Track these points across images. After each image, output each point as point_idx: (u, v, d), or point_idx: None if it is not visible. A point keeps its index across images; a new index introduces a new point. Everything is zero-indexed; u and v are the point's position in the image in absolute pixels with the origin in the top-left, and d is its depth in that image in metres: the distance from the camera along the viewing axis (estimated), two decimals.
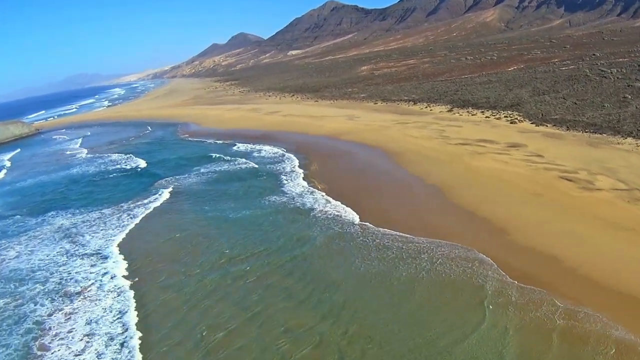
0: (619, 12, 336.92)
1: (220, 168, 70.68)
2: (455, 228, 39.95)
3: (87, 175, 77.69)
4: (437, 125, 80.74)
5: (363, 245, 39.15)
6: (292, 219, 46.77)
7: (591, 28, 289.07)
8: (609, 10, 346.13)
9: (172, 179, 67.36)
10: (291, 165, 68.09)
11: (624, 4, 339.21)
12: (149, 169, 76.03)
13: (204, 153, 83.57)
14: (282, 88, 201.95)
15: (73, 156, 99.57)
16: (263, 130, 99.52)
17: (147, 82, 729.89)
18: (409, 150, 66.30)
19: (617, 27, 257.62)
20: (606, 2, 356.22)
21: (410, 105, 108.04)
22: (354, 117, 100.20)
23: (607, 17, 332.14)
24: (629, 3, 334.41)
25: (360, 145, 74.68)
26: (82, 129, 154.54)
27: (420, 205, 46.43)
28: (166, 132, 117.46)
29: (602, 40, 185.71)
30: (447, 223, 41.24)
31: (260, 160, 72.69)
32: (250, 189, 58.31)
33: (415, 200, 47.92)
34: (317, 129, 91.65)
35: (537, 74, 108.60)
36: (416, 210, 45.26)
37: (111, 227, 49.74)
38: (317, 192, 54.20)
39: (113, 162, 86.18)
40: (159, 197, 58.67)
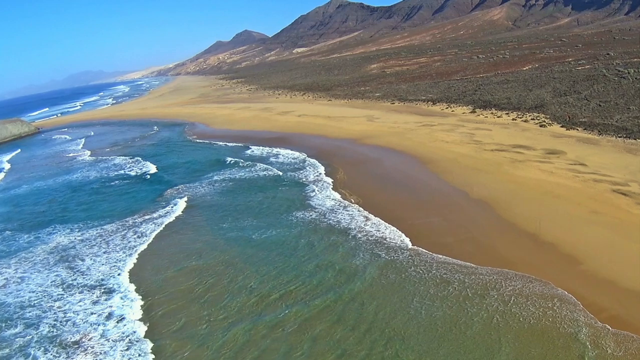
0: (626, 11, 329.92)
1: (236, 175, 63.26)
2: (519, 254, 33.85)
3: (89, 181, 70.31)
4: (464, 128, 74.32)
5: (419, 280, 32.13)
6: (328, 242, 39.34)
7: (600, 27, 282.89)
8: (617, 9, 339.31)
9: (183, 187, 59.94)
10: (315, 172, 60.78)
11: (632, 2, 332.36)
12: (157, 176, 68.65)
13: (215, 157, 76.24)
14: (292, 86, 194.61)
15: (74, 159, 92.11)
16: (278, 132, 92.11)
17: (151, 79, 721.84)
18: (443, 157, 59.67)
19: (626, 26, 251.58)
20: (614, 1, 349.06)
21: (430, 105, 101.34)
22: (374, 118, 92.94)
23: (615, 16, 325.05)
24: (636, 2, 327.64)
25: (387, 150, 67.60)
26: (85, 129, 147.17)
27: (472, 225, 39.60)
28: (173, 133, 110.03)
29: (612, 39, 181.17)
30: (508, 247, 35.02)
31: (280, 167, 65.28)
32: (273, 202, 50.92)
33: (466, 219, 41.01)
34: (336, 132, 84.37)
35: (554, 74, 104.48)
36: (469, 231, 38.53)
37: (115, 249, 42.23)
38: (351, 207, 46.99)
39: (117, 166, 78.73)
40: (170, 211, 51.16)
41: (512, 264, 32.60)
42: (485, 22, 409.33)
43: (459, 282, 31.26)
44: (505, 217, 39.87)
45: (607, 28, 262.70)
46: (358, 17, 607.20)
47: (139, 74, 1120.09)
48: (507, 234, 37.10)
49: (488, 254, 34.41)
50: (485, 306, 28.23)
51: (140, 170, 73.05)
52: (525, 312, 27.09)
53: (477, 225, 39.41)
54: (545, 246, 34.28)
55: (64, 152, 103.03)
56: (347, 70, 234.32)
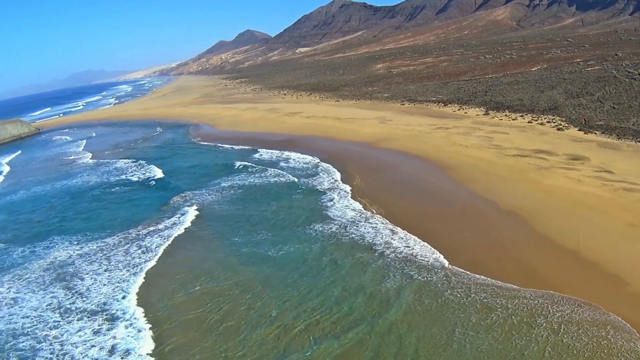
0: (631, 11, 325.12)
1: (246, 181, 59.28)
2: (560, 273, 30.72)
3: (90, 187, 66.32)
4: (481, 131, 70.67)
5: (459, 306, 28.39)
6: (354, 261, 35.40)
7: (605, 27, 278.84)
8: (622, 9, 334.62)
9: (189, 194, 55.95)
10: (330, 179, 56.89)
11: (636, 3, 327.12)
12: (161, 181, 64.67)
13: (222, 161, 72.39)
14: (297, 86, 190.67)
15: (74, 162, 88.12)
16: (286, 134, 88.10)
17: (153, 79, 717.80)
18: (464, 163, 55.93)
19: (631, 27, 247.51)
20: (618, 1, 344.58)
21: (441, 107, 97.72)
22: (386, 120, 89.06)
23: (620, 16, 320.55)
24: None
25: (403, 154, 63.77)
26: (86, 129, 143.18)
27: (507, 240, 36.00)
28: (177, 135, 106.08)
29: (619, 40, 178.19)
30: (548, 266, 31.72)
31: (292, 172, 61.35)
32: (288, 212, 46.96)
33: (499, 233, 37.40)
34: (348, 134, 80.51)
35: (563, 75, 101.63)
36: (505, 247, 34.96)
37: (118, 267, 38.23)
38: (374, 218, 43.12)
39: (119, 170, 74.77)
40: (177, 222, 47.10)
41: (555, 284, 29.37)
42: (490, 22, 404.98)
43: (502, 307, 27.69)
44: (540, 231, 36.49)
45: (612, 28, 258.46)
46: (361, 17, 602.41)
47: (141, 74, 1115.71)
48: (544, 250, 33.76)
49: (528, 273, 31.04)
50: (534, 337, 24.84)
51: (143, 175, 69.07)
52: (579, 344, 23.91)
53: (512, 240, 35.93)
54: (586, 264, 31.18)
55: (64, 155, 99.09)
56: (353, 70, 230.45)
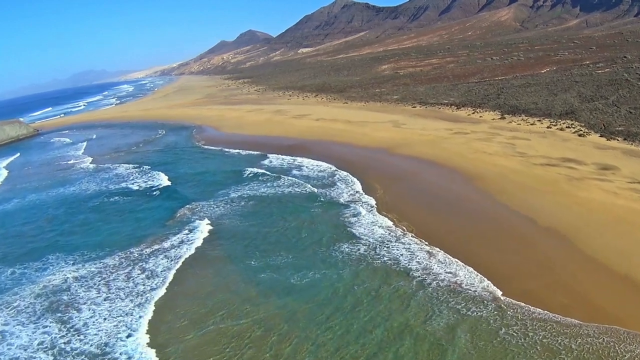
0: (636, 12, 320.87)
1: (258, 191, 54.42)
2: (619, 303, 27.04)
3: (89, 196, 61.32)
4: (501, 137, 66.66)
5: (519, 349, 24.19)
6: (392, 291, 30.68)
7: (610, 29, 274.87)
8: (626, 11, 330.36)
9: (197, 206, 51.05)
10: (350, 189, 52.20)
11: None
12: (165, 190, 59.69)
13: (230, 167, 67.58)
14: (302, 87, 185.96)
15: (73, 167, 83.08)
16: (296, 138, 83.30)
17: (155, 79, 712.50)
18: (490, 172, 51.77)
19: (636, 28, 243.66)
20: (623, 3, 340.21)
21: (454, 110, 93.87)
22: (400, 124, 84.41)
23: (625, 18, 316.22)
24: None
25: (424, 162, 59.17)
26: (87, 131, 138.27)
27: (554, 264, 31.88)
28: (180, 138, 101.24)
29: (626, 42, 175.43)
30: (604, 294, 28.02)
31: (307, 181, 56.57)
32: (308, 229, 42.14)
33: (544, 255, 33.18)
34: (362, 139, 75.86)
35: (574, 77, 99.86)
36: (554, 272, 30.93)
37: (119, 295, 33.36)
38: (406, 237, 38.55)
39: (120, 177, 69.82)
40: (184, 239, 42.16)
41: (617, 317, 25.76)
42: (493, 23, 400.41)
43: (566, 350, 23.72)
44: (586, 252, 32.68)
45: (617, 30, 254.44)
46: (364, 18, 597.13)
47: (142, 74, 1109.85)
48: (596, 274, 30.06)
49: (585, 303, 27.34)
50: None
51: (146, 183, 64.08)
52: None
53: (559, 263, 31.83)
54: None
55: (62, 158, 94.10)
56: (357, 70, 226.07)
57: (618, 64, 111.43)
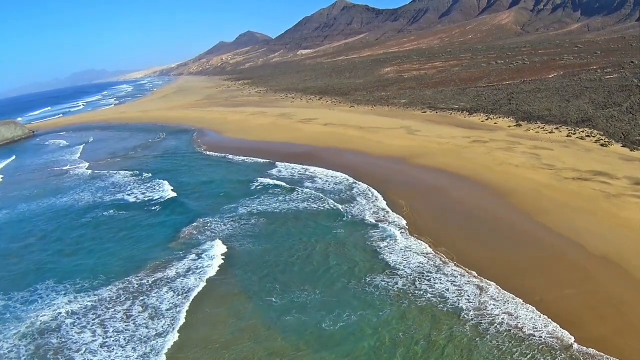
0: (637, 17, 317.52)
1: (270, 206, 48.86)
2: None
3: (83, 208, 55.54)
4: (522, 146, 61.65)
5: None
6: (444, 339, 25.49)
7: (612, 33, 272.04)
8: (628, 15, 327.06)
9: (203, 225, 45.38)
10: (373, 205, 46.79)
11: None
12: (166, 205, 53.83)
13: (236, 177, 62.04)
14: (304, 89, 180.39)
15: (69, 173, 77.29)
16: (305, 144, 77.78)
17: (154, 79, 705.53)
18: (522, 187, 46.87)
19: (639, 33, 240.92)
20: (624, 7, 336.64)
21: (466, 116, 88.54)
22: (414, 131, 79.03)
23: (627, 22, 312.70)
24: None
25: (448, 175, 53.80)
26: (84, 133, 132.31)
27: (619, 302, 27.28)
28: (181, 142, 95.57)
29: (630, 46, 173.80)
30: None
31: (323, 194, 51.05)
32: (333, 256, 36.58)
33: (604, 290, 28.53)
34: (377, 147, 70.48)
35: (584, 83, 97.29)
36: (622, 312, 26.41)
37: (118, 341, 27.64)
38: (448, 267, 33.25)
39: (118, 186, 64.07)
40: (192, 267, 36.40)
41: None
42: (494, 27, 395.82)
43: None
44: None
45: (619, 35, 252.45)
46: (363, 20, 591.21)
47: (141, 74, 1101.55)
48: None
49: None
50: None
51: (144, 195, 58.21)
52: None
53: (624, 302, 27.21)
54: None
55: (58, 163, 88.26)
56: (360, 73, 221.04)
57: (626, 69, 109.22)
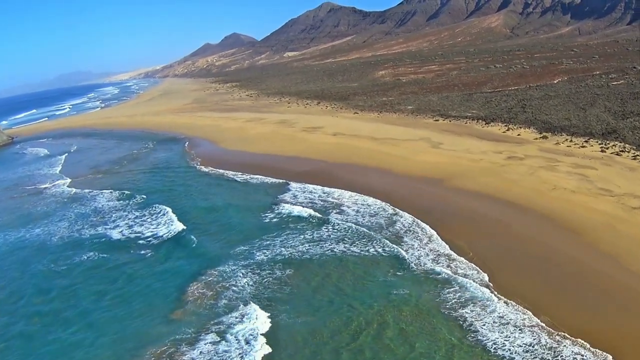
0: (629, 20, 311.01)
1: (296, 249, 38.07)
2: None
3: (57, 247, 43.91)
4: (563, 164, 53.33)
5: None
6: None
7: (604, 37, 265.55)
8: (618, 19, 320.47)
9: (214, 279, 34.31)
10: (428, 247, 36.97)
11: (633, 12, 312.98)
12: (161, 244, 42.47)
13: (244, 202, 51.16)
14: (298, 93, 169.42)
15: (44, 193, 65.54)
16: (317, 159, 67.22)
17: (139, 81, 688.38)
18: (591, 221, 38.63)
19: (631, 37, 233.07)
20: (615, 11, 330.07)
21: (483, 125, 79.27)
22: (437, 144, 69.16)
23: (618, 26, 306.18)
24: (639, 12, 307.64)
25: (498, 202, 44.48)
26: (67, 140, 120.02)
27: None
28: (171, 154, 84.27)
29: (626, 50, 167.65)
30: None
31: (360, 230, 40.30)
32: (412, 337, 25.93)
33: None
34: (403, 164, 60.24)
35: (592, 89, 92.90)
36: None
37: None
38: (566, 348, 23.49)
39: (102, 214, 52.54)
40: None
41: None
42: (483, 30, 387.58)
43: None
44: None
45: (612, 38, 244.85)
46: (350, 22, 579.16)
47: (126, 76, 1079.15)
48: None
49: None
50: None
51: (131, 228, 46.52)
52: None
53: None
54: None
55: (34, 179, 76.31)
56: (352, 76, 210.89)
57: (630, 75, 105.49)
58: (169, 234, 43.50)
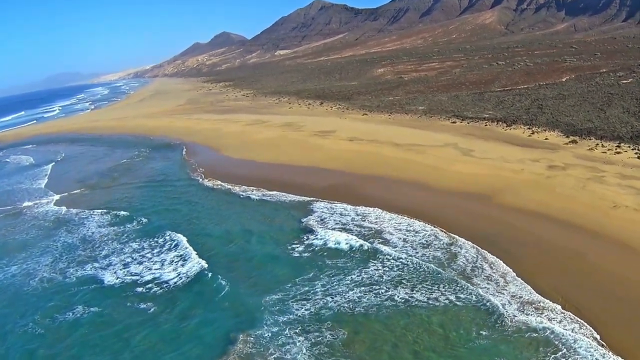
0: (624, 17, 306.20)
1: (344, 297, 29.86)
2: None
3: (39, 296, 34.81)
4: (607, 174, 46.89)
5: None
6: None
7: (601, 34, 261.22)
8: (614, 15, 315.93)
9: (249, 346, 25.65)
10: (506, 290, 29.31)
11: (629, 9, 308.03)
12: (165, 294, 33.55)
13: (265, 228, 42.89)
14: (298, 92, 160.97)
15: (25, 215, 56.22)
16: (337, 169, 58.99)
17: (129, 81, 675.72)
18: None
19: (628, 33, 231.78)
20: (610, 7, 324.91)
21: (505, 128, 72.59)
22: (467, 151, 61.44)
23: (613, 23, 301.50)
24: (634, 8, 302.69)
25: (561, 225, 37.16)
26: (54, 147, 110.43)
27: None
28: (169, 164, 75.54)
29: (626, 47, 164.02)
30: None
31: (413, 264, 32.01)
32: None
33: None
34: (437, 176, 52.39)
35: (603, 88, 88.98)
36: None
37: None
38: None
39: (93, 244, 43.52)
40: None
41: None
42: (477, 26, 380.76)
43: None
44: None
45: (609, 35, 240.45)
46: (342, 19, 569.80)
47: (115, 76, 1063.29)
48: None
49: None
50: None
51: (126, 270, 37.23)
52: None
53: None
54: None
55: (14, 196, 67.04)
56: (350, 74, 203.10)
57: (638, 73, 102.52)
58: (178, 277, 34.54)
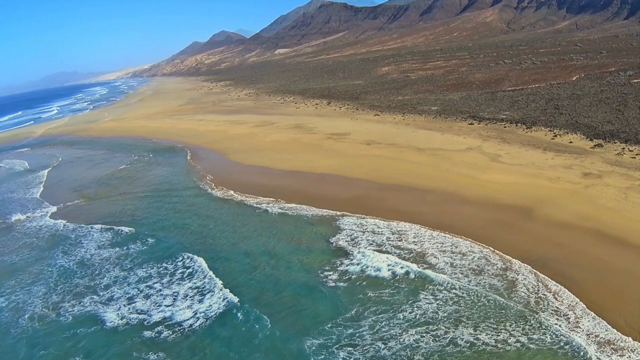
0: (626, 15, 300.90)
1: (399, 343, 24.91)
2: None
3: (29, 342, 29.35)
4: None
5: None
6: None
7: (603, 32, 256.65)
8: (615, 13, 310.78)
9: None
10: (580, 325, 24.67)
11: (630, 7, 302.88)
12: (181, 340, 28.17)
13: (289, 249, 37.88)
14: (302, 92, 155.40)
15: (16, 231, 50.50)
16: (359, 178, 53.68)
17: (127, 80, 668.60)
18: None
19: (631, 31, 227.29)
20: (611, 5, 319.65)
21: (525, 130, 68.15)
22: (495, 157, 56.72)
23: (615, 21, 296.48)
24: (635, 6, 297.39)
25: (614, 243, 33.13)
26: (49, 150, 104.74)
27: None
28: (174, 170, 69.99)
29: (630, 45, 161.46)
30: None
31: (470, 295, 26.69)
32: None
33: None
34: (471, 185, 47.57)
35: (616, 88, 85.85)
36: None
37: None
38: None
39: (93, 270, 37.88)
40: None
41: None
42: (478, 24, 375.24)
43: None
44: None
45: (611, 33, 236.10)
46: (341, 18, 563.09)
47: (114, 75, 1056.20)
48: None
49: None
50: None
51: (132, 307, 31.83)
52: None
53: None
54: None
55: (6, 207, 61.37)
56: (354, 73, 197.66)
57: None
58: (194, 316, 28.97)
